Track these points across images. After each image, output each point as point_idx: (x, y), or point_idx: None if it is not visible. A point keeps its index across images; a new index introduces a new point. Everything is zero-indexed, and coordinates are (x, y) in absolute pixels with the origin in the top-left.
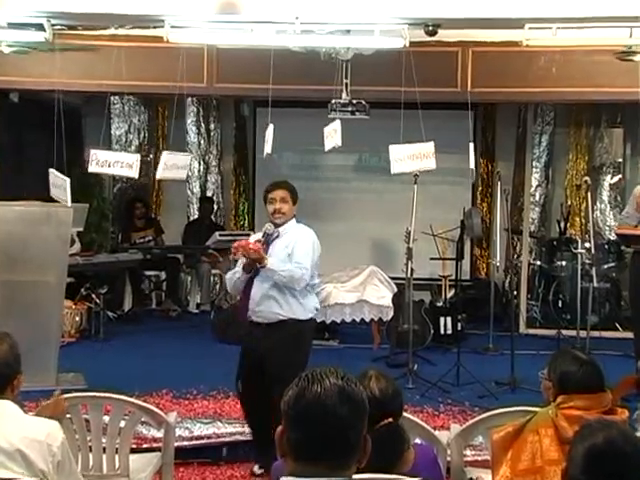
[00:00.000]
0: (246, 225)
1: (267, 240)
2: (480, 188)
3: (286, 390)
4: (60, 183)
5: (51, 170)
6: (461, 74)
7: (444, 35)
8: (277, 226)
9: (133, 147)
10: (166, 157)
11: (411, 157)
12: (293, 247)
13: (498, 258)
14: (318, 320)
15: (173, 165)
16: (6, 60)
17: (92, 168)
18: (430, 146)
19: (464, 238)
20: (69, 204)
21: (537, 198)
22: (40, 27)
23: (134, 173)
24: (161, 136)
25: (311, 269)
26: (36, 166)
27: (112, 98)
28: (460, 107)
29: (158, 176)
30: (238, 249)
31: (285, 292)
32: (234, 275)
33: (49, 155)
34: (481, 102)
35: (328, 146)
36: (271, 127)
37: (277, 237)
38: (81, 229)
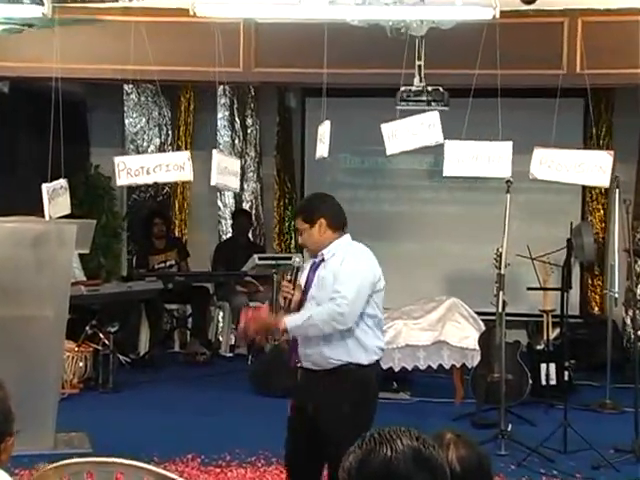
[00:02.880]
0: (292, 245)
1: (296, 277)
2: (593, 198)
3: (346, 455)
4: (58, 193)
5: (44, 186)
6: (567, 52)
7: (545, 3)
8: (314, 256)
9: (152, 147)
10: (218, 158)
11: (474, 158)
12: (336, 272)
13: (617, 288)
14: (384, 366)
15: (226, 170)
16: None
17: (123, 181)
18: (506, 147)
19: (572, 262)
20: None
21: None
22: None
23: (188, 175)
24: (184, 134)
25: (359, 296)
26: (30, 172)
27: (125, 87)
28: (566, 94)
29: (213, 182)
30: (248, 329)
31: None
32: None
33: (46, 158)
34: (593, 87)
35: (398, 148)
36: (327, 123)
37: (322, 261)
38: (86, 251)
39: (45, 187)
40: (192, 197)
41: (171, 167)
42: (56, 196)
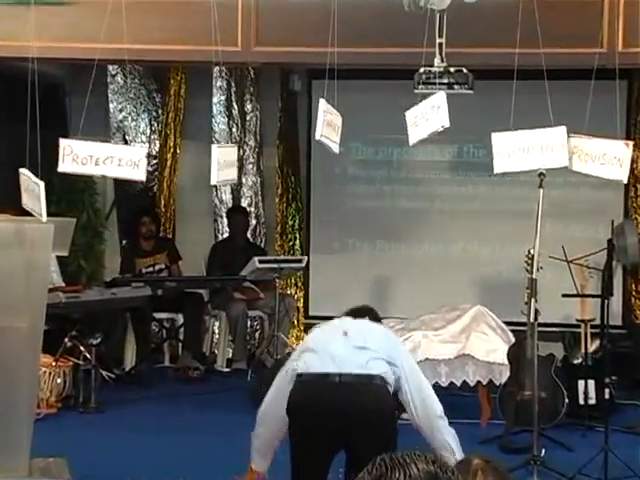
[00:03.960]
0: (297, 246)
1: None
2: (637, 193)
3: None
4: (33, 188)
5: (22, 171)
6: (608, 28)
7: None
8: None
9: (141, 136)
10: (218, 153)
11: (525, 149)
12: None
13: None
14: None
15: (225, 163)
16: None
17: (65, 167)
18: (560, 133)
19: (613, 265)
20: (44, 218)
21: None
22: None
23: (139, 174)
24: (173, 121)
25: None
26: (1, 164)
27: (109, 68)
28: (606, 75)
29: (214, 181)
30: None
31: None
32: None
33: (19, 149)
34: (637, 67)
35: (418, 135)
36: (322, 102)
37: None
38: (65, 254)
39: (27, 181)
40: (184, 192)
41: (124, 162)
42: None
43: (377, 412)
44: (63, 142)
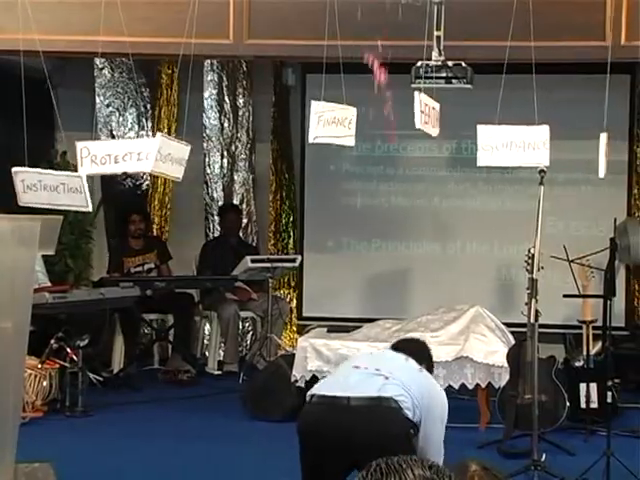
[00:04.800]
0: (290, 245)
1: None
2: None
3: None
4: (63, 183)
5: (26, 169)
6: (612, 20)
7: None
8: None
9: (129, 132)
10: (162, 142)
11: (507, 145)
12: None
13: None
14: None
15: (169, 156)
16: None
17: (87, 170)
18: (542, 132)
19: (616, 265)
20: (89, 207)
21: None
22: None
23: (150, 165)
24: (167, 116)
25: None
26: None
27: (96, 61)
28: (610, 69)
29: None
30: None
31: None
32: None
33: (5, 143)
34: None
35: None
36: (314, 105)
37: None
38: (52, 253)
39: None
40: (175, 189)
41: (143, 156)
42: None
43: (385, 433)
44: (80, 145)
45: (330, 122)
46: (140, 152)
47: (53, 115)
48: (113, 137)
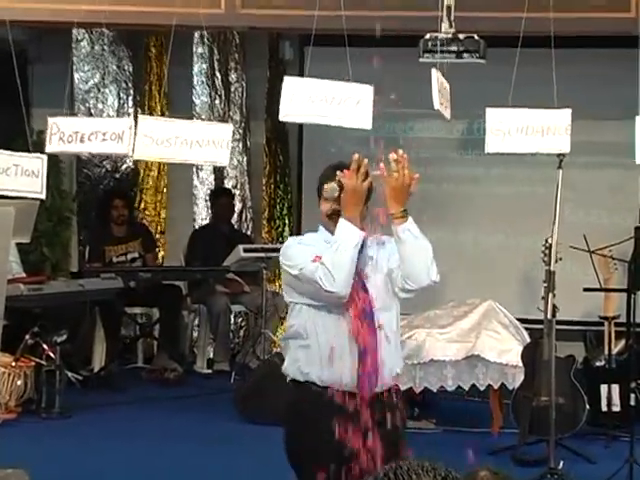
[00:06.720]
0: (286, 233)
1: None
2: None
3: None
4: (16, 165)
5: None
6: None
7: None
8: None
9: (110, 109)
10: (143, 123)
11: (523, 130)
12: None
13: None
14: (402, 387)
15: (152, 139)
16: None
17: (53, 147)
18: (563, 117)
19: None
20: (44, 195)
21: None
22: None
23: (125, 148)
24: (157, 92)
25: None
26: None
27: (76, 33)
28: (635, 44)
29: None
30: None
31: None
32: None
33: None
34: None
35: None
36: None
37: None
38: (27, 240)
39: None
40: (160, 173)
41: (108, 136)
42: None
43: None
44: (51, 120)
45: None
46: (106, 132)
47: (28, 91)
48: (91, 115)
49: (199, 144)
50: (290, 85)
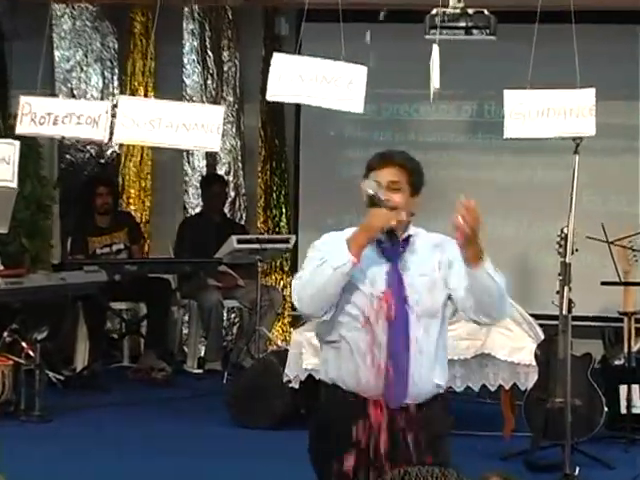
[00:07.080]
0: (283, 223)
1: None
2: None
3: None
4: None
5: None
6: None
7: None
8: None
9: (94, 90)
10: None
11: (544, 112)
12: (450, 264)
13: None
14: None
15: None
16: None
17: (23, 128)
18: (587, 97)
19: None
20: (15, 184)
21: None
22: None
23: (100, 133)
24: (140, 70)
25: None
26: None
27: (56, 7)
28: None
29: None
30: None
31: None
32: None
33: None
34: None
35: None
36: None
37: (404, 252)
38: (4, 231)
39: None
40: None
41: (83, 120)
42: None
43: None
44: (23, 99)
45: (311, 79)
46: (81, 115)
47: (6, 71)
48: (74, 96)
49: (186, 127)
50: (279, 62)
